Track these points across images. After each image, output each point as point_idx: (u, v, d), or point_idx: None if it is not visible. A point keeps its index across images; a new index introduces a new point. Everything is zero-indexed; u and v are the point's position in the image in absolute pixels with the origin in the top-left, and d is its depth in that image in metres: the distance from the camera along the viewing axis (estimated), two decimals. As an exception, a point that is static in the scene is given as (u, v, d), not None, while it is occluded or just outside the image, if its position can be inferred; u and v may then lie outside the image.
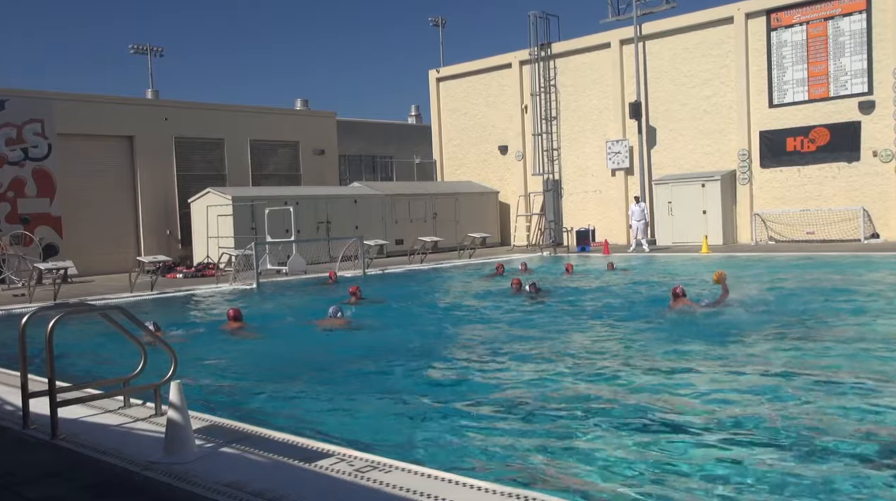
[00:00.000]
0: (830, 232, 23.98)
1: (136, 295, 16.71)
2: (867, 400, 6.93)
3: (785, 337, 10.00)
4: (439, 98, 34.18)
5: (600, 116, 29.17)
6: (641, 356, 9.21)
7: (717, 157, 26.32)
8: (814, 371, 8.17)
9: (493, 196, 31.83)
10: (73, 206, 23.87)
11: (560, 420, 6.59)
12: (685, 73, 26.93)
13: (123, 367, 6.84)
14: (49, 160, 23.07)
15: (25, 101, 22.82)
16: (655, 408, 6.83)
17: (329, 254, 24.14)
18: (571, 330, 11.46)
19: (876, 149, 23.32)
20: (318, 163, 31.15)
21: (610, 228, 28.69)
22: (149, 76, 45.08)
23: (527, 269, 19.84)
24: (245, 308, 13.24)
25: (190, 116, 27.52)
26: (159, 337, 6.72)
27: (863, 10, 23.35)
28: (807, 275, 16.54)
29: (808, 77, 24.40)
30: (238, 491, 4.47)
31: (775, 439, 5.86)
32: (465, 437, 6.25)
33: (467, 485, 4.45)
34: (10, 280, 20.41)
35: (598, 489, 5.04)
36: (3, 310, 14.94)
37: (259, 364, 9.98)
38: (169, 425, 5.18)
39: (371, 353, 10.15)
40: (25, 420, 5.99)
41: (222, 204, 24.19)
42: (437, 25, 41.84)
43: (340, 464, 4.86)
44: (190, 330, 12.34)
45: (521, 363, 9.19)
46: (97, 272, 23.34)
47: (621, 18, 28.05)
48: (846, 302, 12.82)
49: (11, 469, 5.15)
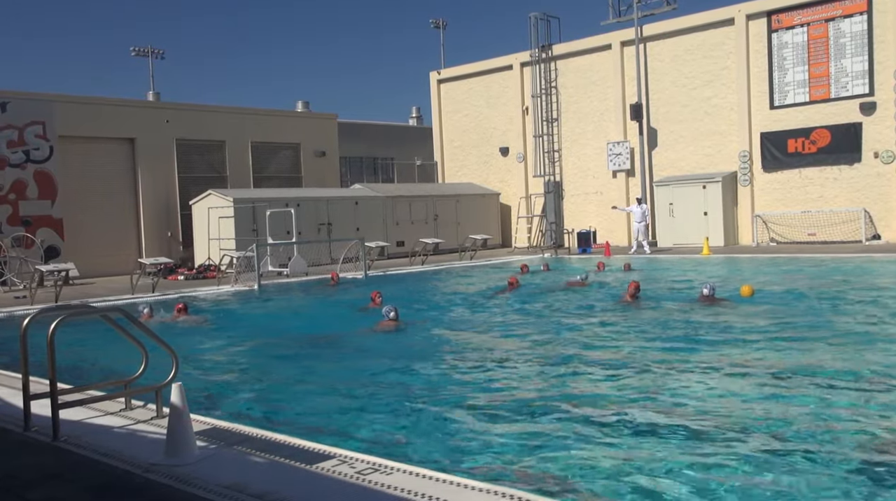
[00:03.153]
0: (832, 233, 23.97)
1: (137, 297, 16.71)
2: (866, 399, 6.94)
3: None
4: (440, 100, 34.19)
5: (601, 118, 29.17)
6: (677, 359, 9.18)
7: (718, 159, 26.31)
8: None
9: (494, 197, 31.83)
10: (74, 208, 23.88)
11: (560, 422, 6.58)
12: (686, 74, 26.93)
13: (125, 369, 6.84)
14: (50, 162, 23.09)
15: (27, 104, 22.84)
16: (661, 412, 6.83)
17: (330, 256, 24.15)
18: (573, 329, 11.45)
19: (877, 150, 23.31)
20: (320, 165, 31.15)
21: (611, 230, 28.68)
22: (150, 78, 45.19)
23: (549, 269, 20.97)
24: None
25: (191, 118, 27.55)
26: (160, 339, 6.70)
27: (864, 12, 23.35)
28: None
29: (810, 78, 24.40)
30: (239, 493, 4.47)
31: (792, 442, 5.85)
32: (466, 439, 6.24)
33: (469, 487, 4.45)
34: (12, 282, 20.42)
35: (598, 489, 5.04)
36: (5, 312, 14.95)
37: (260, 366, 9.99)
38: (170, 427, 5.19)
39: (375, 355, 10.16)
40: (27, 422, 5.99)
41: (223, 205, 24.20)
42: (438, 27, 41.88)
43: (342, 466, 4.86)
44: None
45: (523, 363, 9.18)
46: (98, 274, 23.35)
47: (622, 20, 28.07)
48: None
49: (13, 471, 5.15)
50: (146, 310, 13.42)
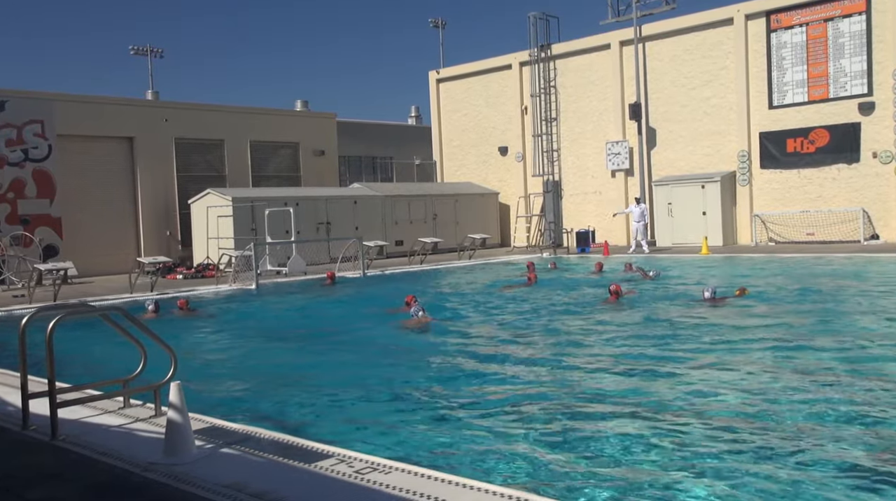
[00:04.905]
0: (830, 233, 23.98)
1: (136, 296, 16.69)
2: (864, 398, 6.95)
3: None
4: (439, 99, 34.18)
5: (600, 117, 29.17)
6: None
7: (716, 159, 26.32)
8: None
9: (492, 197, 31.83)
10: (73, 207, 23.86)
11: (559, 422, 6.59)
12: (685, 74, 26.94)
13: (123, 368, 6.84)
14: (49, 161, 23.07)
15: (25, 102, 22.82)
16: (657, 409, 6.83)
17: (329, 255, 24.15)
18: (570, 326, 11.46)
19: (876, 150, 23.32)
20: (318, 164, 31.15)
21: (610, 229, 28.69)
22: (149, 77, 45.17)
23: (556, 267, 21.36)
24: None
25: (190, 117, 27.53)
26: (159, 338, 6.70)
27: (862, 12, 23.36)
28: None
29: (808, 78, 24.41)
30: (238, 492, 4.47)
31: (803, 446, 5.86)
32: (465, 439, 6.24)
33: (467, 486, 4.46)
34: (10, 281, 20.41)
35: (598, 490, 5.04)
36: (4, 311, 14.94)
37: (260, 364, 9.98)
38: (169, 426, 5.18)
39: (375, 354, 10.16)
40: (25, 421, 5.99)
41: (222, 205, 24.19)
42: (437, 27, 41.87)
43: (340, 465, 4.87)
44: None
45: (525, 363, 9.18)
46: (97, 273, 23.33)
47: (621, 20, 28.08)
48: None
49: (11, 470, 5.15)
50: (151, 307, 13.52)
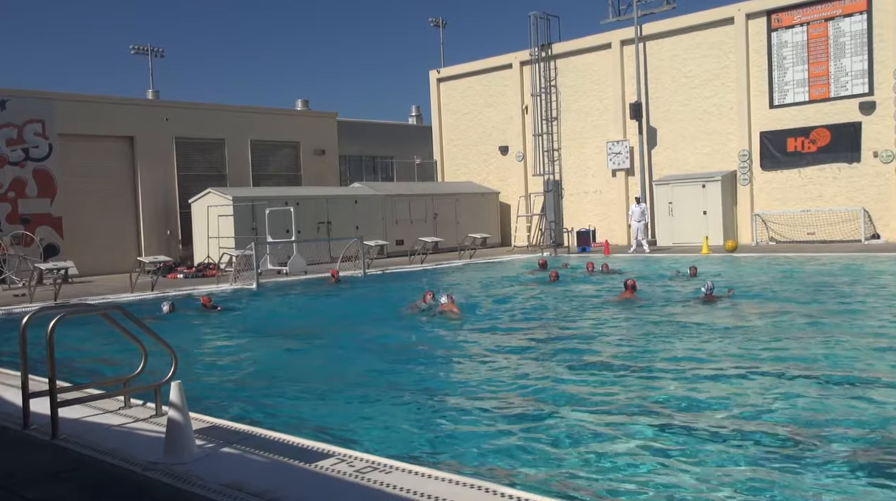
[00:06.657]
0: (831, 232, 23.97)
1: (136, 296, 16.70)
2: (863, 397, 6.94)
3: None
4: (440, 98, 34.18)
5: (601, 117, 29.16)
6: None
7: (717, 158, 26.31)
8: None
9: (493, 196, 31.83)
10: (73, 207, 23.85)
11: (559, 421, 6.58)
12: (686, 73, 26.93)
13: (124, 367, 6.83)
14: (49, 160, 23.06)
15: (26, 102, 22.81)
16: (662, 409, 6.83)
17: (330, 255, 24.15)
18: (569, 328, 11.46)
19: (876, 149, 23.31)
20: (319, 164, 31.14)
21: (610, 229, 28.69)
22: (149, 76, 45.10)
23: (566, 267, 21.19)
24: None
25: (190, 117, 27.53)
26: (159, 337, 6.70)
27: (863, 11, 23.34)
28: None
29: (809, 78, 24.40)
30: (238, 492, 4.47)
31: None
32: (466, 438, 6.24)
33: (468, 485, 4.45)
34: (11, 280, 20.41)
35: (598, 490, 5.04)
36: (4, 311, 14.94)
37: (260, 364, 9.98)
38: (169, 425, 5.18)
39: (374, 354, 10.15)
40: (26, 420, 5.99)
41: (223, 204, 24.19)
42: (438, 26, 41.82)
43: (341, 465, 4.86)
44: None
45: (525, 364, 9.18)
46: (97, 272, 23.33)
47: (622, 19, 28.06)
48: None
49: (11, 469, 5.15)
50: (166, 308, 13.61)
